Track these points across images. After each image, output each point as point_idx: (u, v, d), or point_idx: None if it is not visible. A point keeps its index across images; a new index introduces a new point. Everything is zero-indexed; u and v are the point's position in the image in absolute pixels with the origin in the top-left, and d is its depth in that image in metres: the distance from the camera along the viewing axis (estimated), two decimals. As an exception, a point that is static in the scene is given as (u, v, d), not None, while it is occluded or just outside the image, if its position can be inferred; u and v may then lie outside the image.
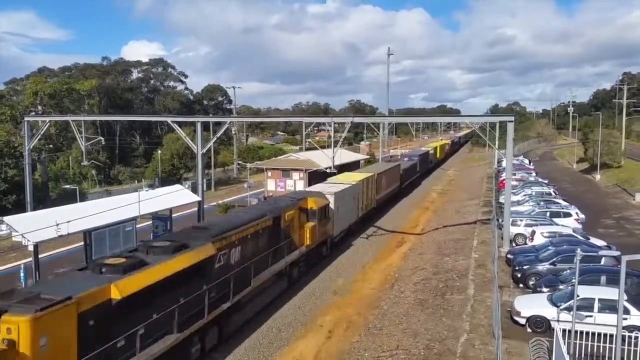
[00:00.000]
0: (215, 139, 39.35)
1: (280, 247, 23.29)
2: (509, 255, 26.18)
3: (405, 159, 64.84)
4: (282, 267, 23.59)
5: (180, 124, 41.39)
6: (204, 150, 36.47)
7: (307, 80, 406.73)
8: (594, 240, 26.73)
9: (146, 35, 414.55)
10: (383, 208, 45.58)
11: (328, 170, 35.05)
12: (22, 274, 25.18)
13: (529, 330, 18.12)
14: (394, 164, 53.69)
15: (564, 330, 15.25)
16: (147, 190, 36.91)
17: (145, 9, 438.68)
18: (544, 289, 20.38)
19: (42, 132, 41.91)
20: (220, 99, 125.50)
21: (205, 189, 38.25)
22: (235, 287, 18.73)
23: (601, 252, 22.03)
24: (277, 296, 23.65)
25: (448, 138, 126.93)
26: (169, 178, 62.28)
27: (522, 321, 18.40)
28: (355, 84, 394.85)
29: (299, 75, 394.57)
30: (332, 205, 30.08)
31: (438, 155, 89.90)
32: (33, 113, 58.84)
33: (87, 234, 25.71)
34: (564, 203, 36.19)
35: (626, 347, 14.62)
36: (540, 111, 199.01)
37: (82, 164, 48.88)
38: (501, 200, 38.59)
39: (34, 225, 22.97)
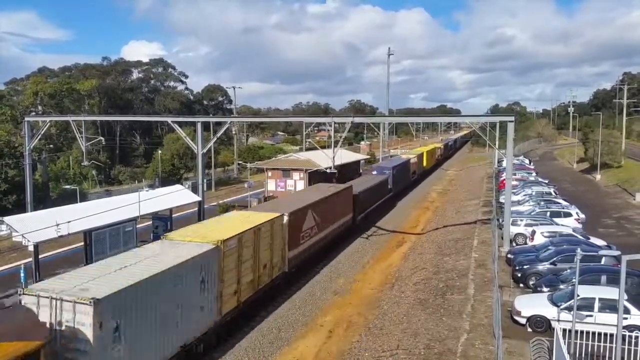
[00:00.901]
0: (215, 139, 39.35)
1: None
2: (509, 255, 26.19)
3: (374, 172, 50.87)
4: None
5: (180, 124, 41.44)
6: (204, 150, 36.52)
7: (307, 80, 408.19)
8: (594, 240, 26.75)
9: (146, 35, 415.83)
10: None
11: (328, 171, 35.00)
12: (22, 275, 25.18)
13: (529, 329, 18.13)
14: (340, 188, 35.03)
15: (564, 330, 15.25)
16: (147, 191, 36.90)
17: (145, 9, 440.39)
18: (545, 289, 20.41)
19: (42, 132, 42.01)
20: (220, 99, 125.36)
21: (205, 189, 38.25)
22: None
23: (601, 252, 22.04)
24: None
25: (444, 140, 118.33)
26: (169, 178, 62.23)
27: (523, 321, 18.41)
28: (355, 84, 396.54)
29: (299, 75, 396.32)
30: (89, 336, 12.86)
31: (425, 164, 71.32)
32: (33, 113, 58.86)
33: (87, 234, 25.76)
34: (564, 203, 36.18)
35: (626, 347, 14.63)
36: (541, 111, 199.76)
37: (82, 164, 48.92)
38: (501, 200, 38.60)
39: (34, 226, 23.03)
